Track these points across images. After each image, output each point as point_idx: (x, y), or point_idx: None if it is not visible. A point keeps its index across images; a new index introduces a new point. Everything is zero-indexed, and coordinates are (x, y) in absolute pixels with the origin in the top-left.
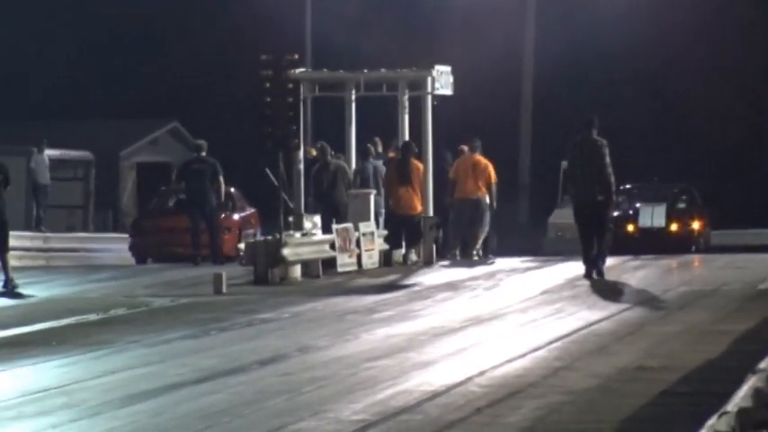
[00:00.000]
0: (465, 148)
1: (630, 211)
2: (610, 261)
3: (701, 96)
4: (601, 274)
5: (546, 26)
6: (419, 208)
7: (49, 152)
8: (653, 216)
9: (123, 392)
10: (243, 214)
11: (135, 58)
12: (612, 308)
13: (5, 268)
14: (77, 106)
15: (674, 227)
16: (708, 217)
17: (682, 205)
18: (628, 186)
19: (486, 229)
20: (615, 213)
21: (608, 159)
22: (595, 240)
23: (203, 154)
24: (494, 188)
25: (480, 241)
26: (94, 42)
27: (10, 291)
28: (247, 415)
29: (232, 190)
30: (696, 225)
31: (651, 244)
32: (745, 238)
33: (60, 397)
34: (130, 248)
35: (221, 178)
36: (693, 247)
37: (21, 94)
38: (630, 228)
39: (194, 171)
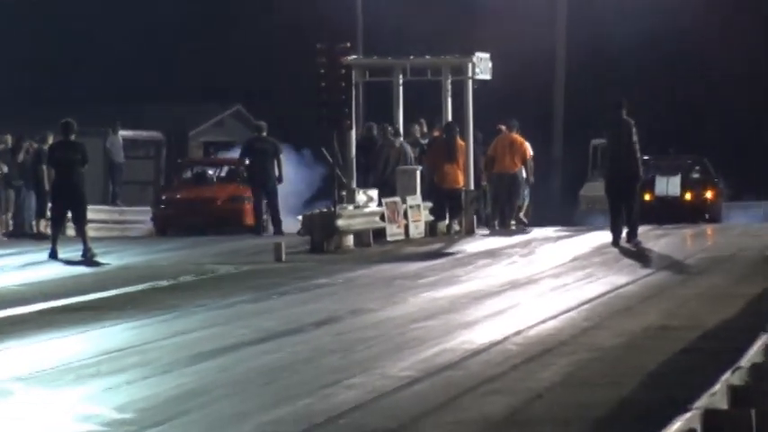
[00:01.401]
0: (503, 127)
1: (648, 181)
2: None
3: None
4: (635, 243)
5: (577, 12)
6: (462, 182)
7: (123, 133)
8: (668, 185)
9: (191, 351)
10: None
11: (201, 45)
12: (637, 273)
13: (84, 239)
14: (148, 90)
15: (688, 196)
16: (720, 187)
17: (695, 176)
18: (645, 158)
19: (525, 201)
20: None
21: (635, 138)
22: (626, 212)
23: (264, 134)
24: (530, 163)
25: (517, 212)
26: (162, 30)
27: (88, 259)
28: (304, 372)
29: (247, 162)
30: (709, 194)
31: (667, 212)
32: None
33: (134, 356)
34: (152, 220)
35: (281, 156)
36: (707, 215)
37: (94, 78)
38: (647, 197)
39: (257, 150)
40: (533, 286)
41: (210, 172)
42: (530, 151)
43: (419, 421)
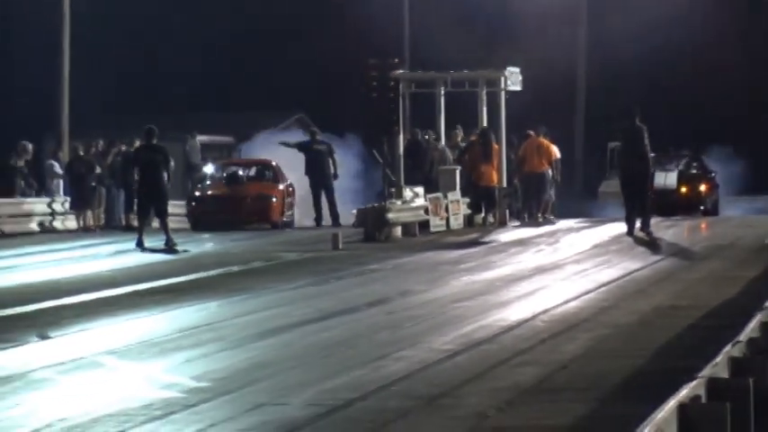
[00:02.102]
0: (531, 132)
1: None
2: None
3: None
4: (648, 232)
5: (596, 32)
6: (496, 180)
7: (200, 138)
8: (665, 179)
9: (259, 329)
10: (285, 185)
11: (266, 58)
12: (649, 259)
13: (166, 230)
14: (220, 98)
15: (683, 189)
16: (714, 181)
17: (692, 171)
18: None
19: (551, 197)
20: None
21: (647, 141)
22: (639, 206)
23: (318, 137)
24: (557, 164)
25: (544, 207)
26: (234, 46)
27: (170, 248)
28: (358, 346)
29: (273, 163)
30: (703, 188)
31: (664, 203)
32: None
33: (209, 332)
34: (187, 216)
35: (335, 157)
36: (702, 207)
37: (176, 89)
38: None
39: (315, 151)
40: (558, 271)
41: (241, 172)
42: (557, 153)
43: (459, 388)
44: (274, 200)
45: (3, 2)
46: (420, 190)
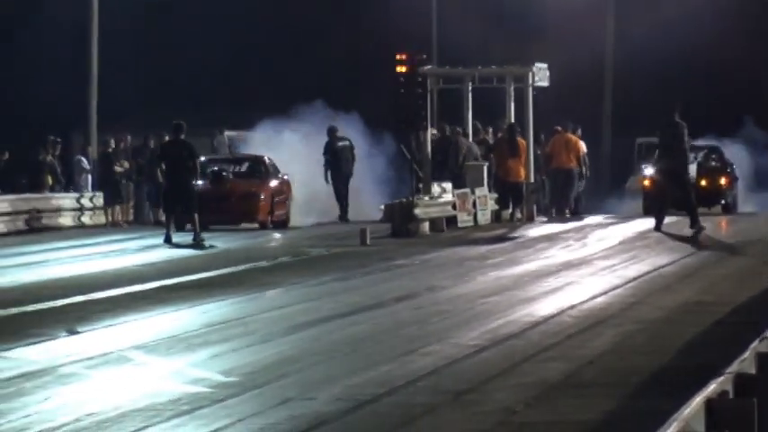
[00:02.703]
0: (559, 128)
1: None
2: (673, 219)
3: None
4: (698, 229)
5: (624, 26)
6: (523, 176)
7: (228, 133)
8: None
9: (288, 323)
10: (277, 182)
11: (294, 55)
12: (676, 255)
13: (194, 225)
14: (250, 95)
15: (703, 182)
16: (734, 174)
17: (711, 163)
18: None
19: (576, 192)
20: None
21: (686, 137)
22: (684, 204)
23: (338, 134)
24: (586, 159)
25: (571, 203)
26: (262, 45)
27: (198, 243)
28: (386, 341)
29: (265, 158)
30: (723, 181)
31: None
32: None
33: (238, 327)
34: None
35: (354, 152)
36: (722, 201)
37: (205, 85)
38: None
39: (339, 148)
40: (586, 267)
41: (227, 170)
42: (584, 149)
43: (486, 384)
44: (262, 198)
45: None
46: (448, 186)
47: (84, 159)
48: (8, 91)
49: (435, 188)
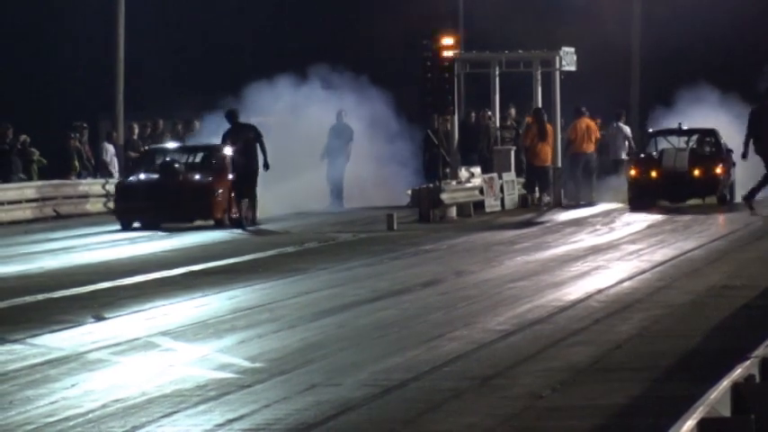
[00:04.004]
0: (584, 109)
1: (654, 155)
2: (659, 216)
3: None
4: (750, 202)
5: (652, 9)
6: (550, 160)
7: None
8: (675, 159)
9: (314, 309)
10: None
11: (320, 41)
12: (704, 239)
13: (254, 209)
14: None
15: (696, 172)
16: (730, 161)
17: (705, 149)
18: (650, 131)
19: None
20: (641, 156)
21: None
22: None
23: (343, 120)
24: (597, 143)
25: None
26: (290, 29)
27: (250, 227)
28: (413, 326)
29: (220, 146)
30: (719, 170)
31: (674, 188)
32: None
33: (264, 313)
34: (114, 212)
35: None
36: (718, 193)
37: (226, 68)
38: (654, 173)
39: (335, 132)
40: (613, 251)
41: (179, 161)
42: (597, 133)
43: (513, 369)
44: (218, 193)
45: None
46: (477, 170)
47: (110, 146)
48: (36, 78)
49: (463, 173)
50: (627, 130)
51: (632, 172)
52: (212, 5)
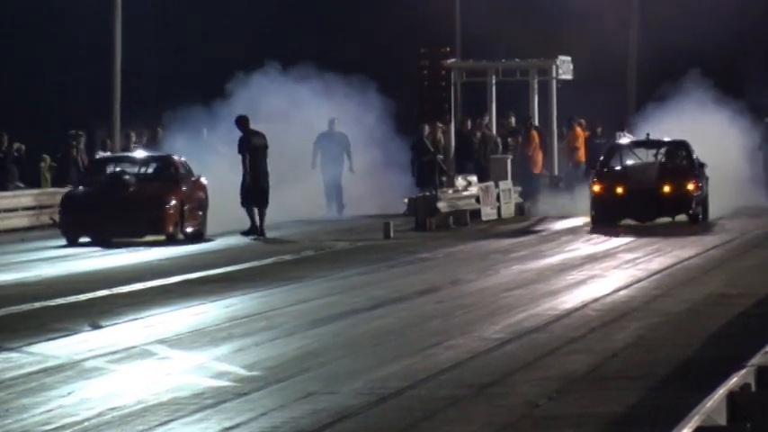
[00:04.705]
0: (582, 121)
1: (620, 171)
2: (627, 239)
3: None
4: None
5: (649, 16)
6: (536, 168)
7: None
8: (644, 174)
9: (311, 317)
10: (189, 187)
11: (318, 49)
12: (700, 247)
13: (262, 217)
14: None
15: (666, 188)
16: (703, 176)
17: (676, 161)
18: (618, 143)
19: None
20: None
21: None
22: None
23: (335, 128)
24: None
25: None
26: (282, 34)
27: (258, 234)
28: (409, 335)
29: (176, 158)
30: (690, 186)
31: (641, 206)
32: None
33: (261, 321)
34: (59, 227)
35: (350, 150)
36: (690, 211)
37: (221, 77)
38: (619, 189)
39: (328, 142)
40: (610, 260)
41: (129, 172)
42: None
43: (509, 377)
44: (169, 206)
45: None
46: (474, 179)
47: (105, 154)
48: (34, 83)
49: (460, 181)
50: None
51: (595, 188)
52: (212, 8)
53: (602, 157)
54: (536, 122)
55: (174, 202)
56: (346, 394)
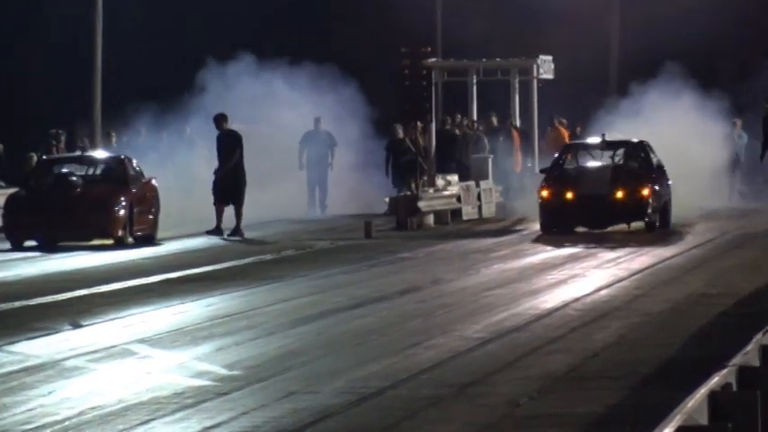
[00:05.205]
0: (564, 120)
1: (569, 175)
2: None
3: None
4: None
5: (630, 14)
6: (515, 168)
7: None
8: (595, 181)
9: (292, 316)
10: (139, 188)
11: (298, 47)
12: (682, 246)
13: (238, 218)
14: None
15: (619, 194)
16: (662, 180)
17: (631, 165)
18: (568, 144)
19: None
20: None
21: None
22: None
23: (321, 127)
24: None
25: None
26: (265, 32)
27: (239, 234)
28: (390, 334)
29: (126, 159)
30: (646, 191)
31: (592, 214)
32: None
33: (242, 320)
34: (2, 230)
35: (335, 149)
36: (646, 219)
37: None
38: (569, 194)
39: (314, 141)
40: (591, 259)
41: (76, 173)
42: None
43: (490, 377)
44: (118, 208)
45: None
46: (454, 178)
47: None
48: (16, 80)
49: (440, 181)
50: None
51: (543, 193)
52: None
53: (552, 160)
54: (517, 122)
55: (122, 205)
56: (327, 394)
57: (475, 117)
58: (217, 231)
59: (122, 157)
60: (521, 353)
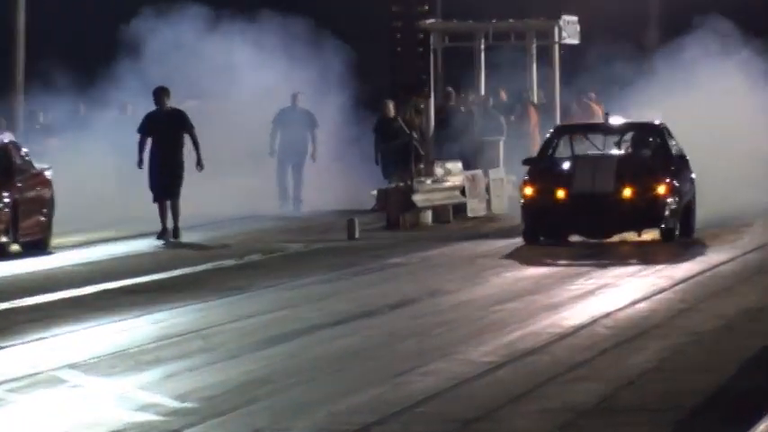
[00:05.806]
0: (593, 95)
1: (561, 166)
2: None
3: None
4: None
5: None
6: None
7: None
8: (594, 176)
9: (259, 336)
10: (25, 182)
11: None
12: (737, 250)
13: (176, 216)
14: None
15: (626, 192)
16: (683, 174)
17: (645, 156)
18: (561, 126)
19: None
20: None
21: None
22: None
23: (298, 104)
24: None
25: None
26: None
27: (178, 235)
28: (378, 358)
29: (9, 145)
30: (662, 189)
31: (591, 218)
32: None
33: (197, 341)
34: None
35: (317, 130)
36: (662, 225)
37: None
38: (560, 193)
39: (288, 121)
40: (622, 266)
41: None
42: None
43: (501, 410)
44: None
45: None
46: (456, 166)
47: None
48: None
49: (439, 169)
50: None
51: (527, 191)
52: None
53: (539, 148)
54: (534, 98)
55: (5, 201)
56: (301, 431)
57: (482, 91)
58: (164, 234)
59: (6, 141)
60: (539, 381)
